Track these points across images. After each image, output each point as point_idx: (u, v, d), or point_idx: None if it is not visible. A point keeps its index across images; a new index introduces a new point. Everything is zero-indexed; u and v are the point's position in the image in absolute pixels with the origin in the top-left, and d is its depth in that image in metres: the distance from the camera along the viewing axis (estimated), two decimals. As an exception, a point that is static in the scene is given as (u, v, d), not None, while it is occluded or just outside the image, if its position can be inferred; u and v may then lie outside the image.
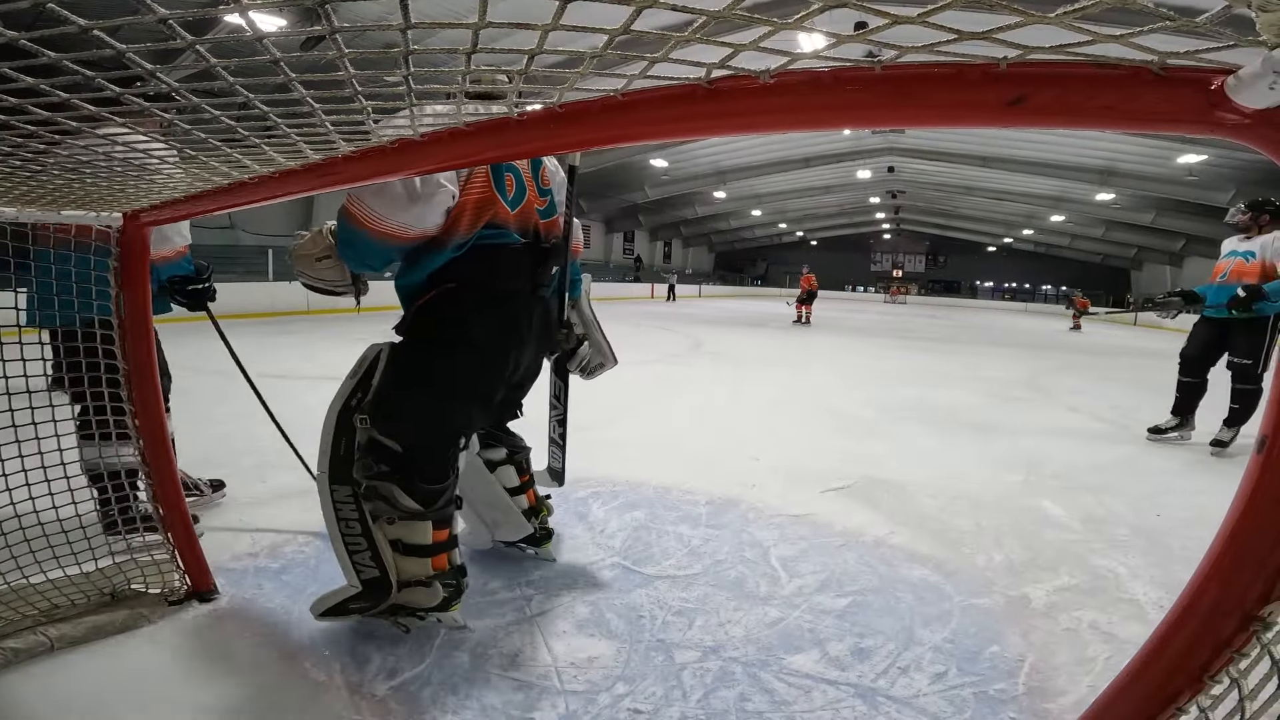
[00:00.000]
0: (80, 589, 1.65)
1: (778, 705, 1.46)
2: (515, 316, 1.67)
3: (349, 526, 1.56)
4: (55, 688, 1.42)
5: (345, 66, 0.66)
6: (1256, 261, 4.07)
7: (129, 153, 1.03)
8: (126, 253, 1.63)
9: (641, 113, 0.74)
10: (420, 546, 1.59)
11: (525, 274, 1.68)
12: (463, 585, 1.66)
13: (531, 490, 2.08)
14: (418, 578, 1.58)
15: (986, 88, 0.59)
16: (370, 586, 1.58)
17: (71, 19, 0.52)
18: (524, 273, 1.67)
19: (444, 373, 1.59)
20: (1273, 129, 0.53)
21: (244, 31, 0.57)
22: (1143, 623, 1.88)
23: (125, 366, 1.70)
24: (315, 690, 1.46)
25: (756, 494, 2.86)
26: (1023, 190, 26.48)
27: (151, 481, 1.74)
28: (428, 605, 1.59)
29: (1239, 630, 0.62)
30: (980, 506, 2.83)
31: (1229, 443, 4.10)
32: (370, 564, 1.57)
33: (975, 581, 2.10)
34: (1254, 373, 4.08)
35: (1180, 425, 4.36)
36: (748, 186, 28.70)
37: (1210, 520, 0.83)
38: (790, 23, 0.55)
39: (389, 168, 1.04)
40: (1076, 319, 19.58)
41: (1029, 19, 0.49)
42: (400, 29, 0.58)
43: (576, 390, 2.20)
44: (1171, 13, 0.47)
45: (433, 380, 1.58)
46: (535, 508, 2.07)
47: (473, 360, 1.61)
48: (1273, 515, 0.61)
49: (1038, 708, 1.49)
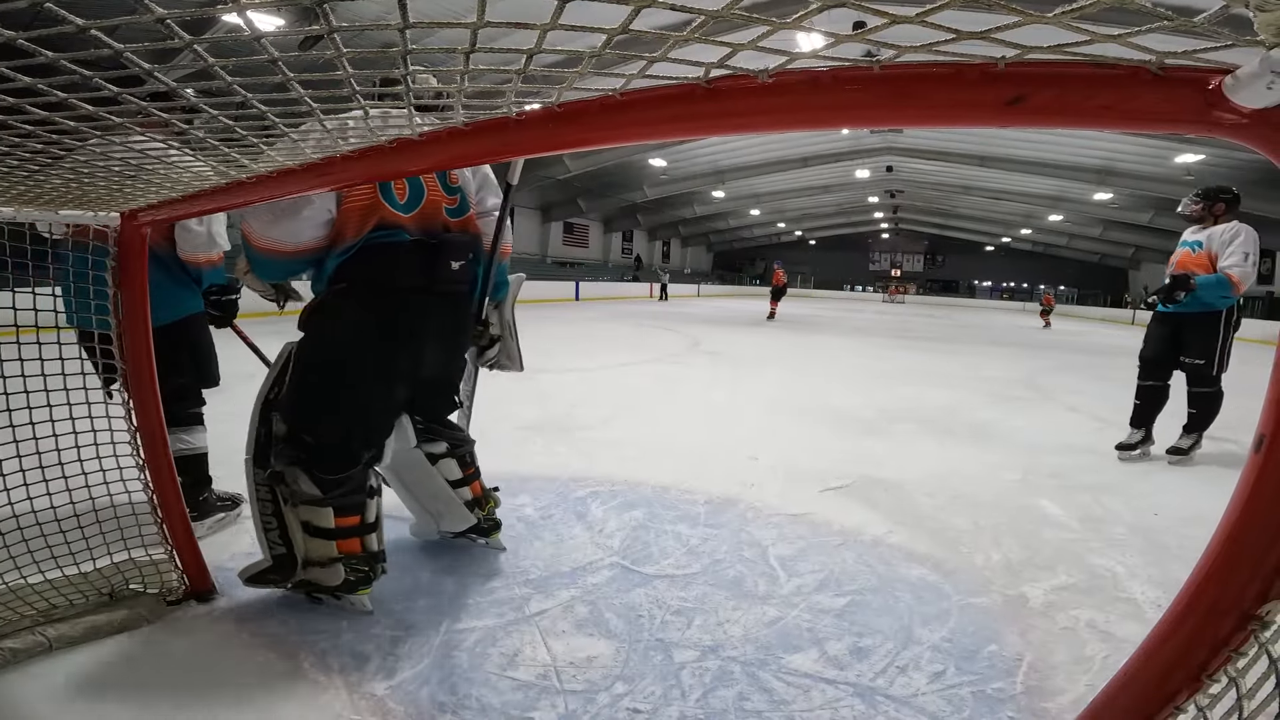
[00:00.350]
0: (79, 589, 1.65)
1: (776, 704, 1.46)
2: (401, 313, 1.71)
3: (264, 506, 1.71)
4: (54, 688, 1.42)
5: (344, 66, 0.66)
6: (1203, 252, 3.79)
7: (129, 154, 1.02)
8: (124, 252, 1.63)
9: (640, 112, 0.74)
10: (324, 530, 1.69)
11: (415, 271, 1.69)
12: (375, 571, 1.75)
13: (477, 482, 2.09)
14: (322, 558, 1.69)
15: (985, 87, 0.59)
16: (279, 562, 1.72)
17: (69, 18, 0.52)
18: (414, 270, 1.69)
19: (333, 369, 1.69)
20: (1270, 129, 0.53)
21: (242, 31, 0.57)
22: (1140, 622, 1.88)
23: (123, 366, 1.70)
24: (314, 690, 1.46)
25: (755, 493, 2.86)
26: (1021, 190, 26.49)
27: (149, 481, 1.74)
28: (328, 584, 1.70)
29: (1237, 629, 0.62)
30: (978, 506, 2.83)
31: (1188, 450, 3.82)
32: (279, 542, 1.72)
33: (973, 580, 2.11)
34: (1209, 374, 3.79)
35: (1145, 439, 3.95)
36: (746, 186, 28.69)
37: (1208, 519, 0.83)
38: (789, 22, 0.55)
39: (387, 167, 1.04)
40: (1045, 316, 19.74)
41: (1027, 19, 0.49)
42: (399, 28, 0.58)
43: (575, 390, 2.22)
44: (1169, 12, 0.47)
45: (323, 376, 1.69)
46: (480, 499, 2.08)
47: (357, 357, 1.69)
48: (1270, 514, 0.61)
49: (1036, 706, 1.49)
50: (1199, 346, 3.80)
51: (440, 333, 1.80)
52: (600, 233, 32.07)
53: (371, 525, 1.77)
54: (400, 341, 1.71)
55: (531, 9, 1.37)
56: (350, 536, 1.71)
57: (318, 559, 1.69)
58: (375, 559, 1.76)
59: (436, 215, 1.75)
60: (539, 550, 2.21)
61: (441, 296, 1.77)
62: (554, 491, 2.79)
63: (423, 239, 1.71)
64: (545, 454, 3.38)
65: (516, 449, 3.42)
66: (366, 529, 1.75)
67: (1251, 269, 3.62)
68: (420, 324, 1.74)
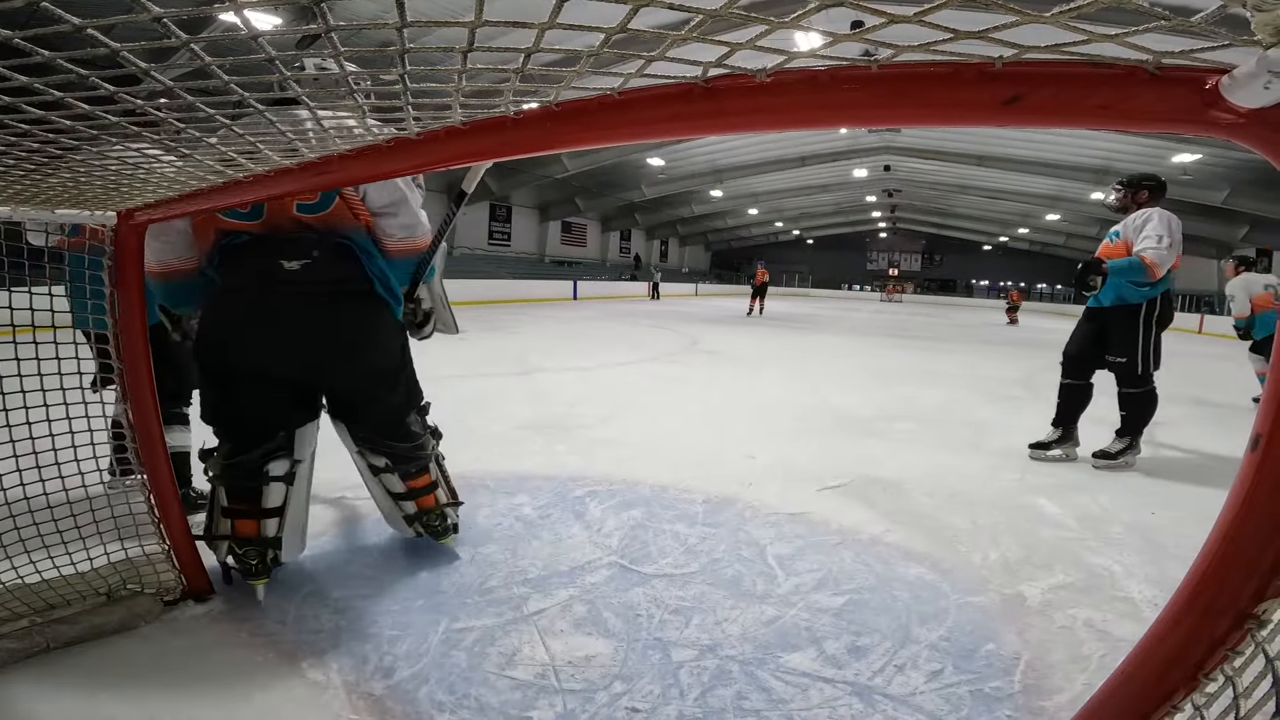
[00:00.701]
0: (76, 589, 1.65)
1: (775, 703, 1.47)
2: (225, 311, 1.76)
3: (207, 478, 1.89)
4: (51, 688, 1.42)
5: (340, 64, 0.66)
6: (1121, 241, 3.64)
7: (125, 153, 1.02)
8: (120, 252, 1.62)
9: (638, 111, 0.74)
10: (221, 507, 1.82)
11: (245, 272, 1.71)
12: (265, 558, 1.80)
13: (428, 496, 2.04)
14: (219, 533, 1.81)
15: (982, 87, 0.59)
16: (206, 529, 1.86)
17: (65, 18, 0.52)
18: (243, 271, 1.71)
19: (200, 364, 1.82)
20: (1267, 128, 0.53)
21: (239, 30, 0.57)
22: (1137, 621, 1.89)
23: (119, 366, 1.69)
24: (312, 690, 1.46)
25: (753, 492, 2.87)
26: (1018, 189, 26.53)
27: (146, 481, 1.74)
28: (216, 556, 1.83)
29: (1233, 628, 0.62)
30: (976, 504, 2.84)
31: (1115, 455, 3.59)
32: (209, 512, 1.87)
33: (971, 579, 2.11)
34: (1133, 372, 3.59)
35: (1062, 439, 3.77)
36: (744, 185, 28.70)
37: (1204, 518, 0.83)
38: (787, 22, 0.55)
39: (384, 166, 1.04)
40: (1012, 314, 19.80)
41: (1025, 18, 0.49)
42: (396, 27, 0.58)
43: (573, 389, 2.21)
44: (1167, 12, 0.48)
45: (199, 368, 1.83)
46: (422, 513, 2.04)
47: (199, 355, 1.80)
48: (1266, 513, 0.61)
49: (1033, 705, 1.50)
50: (1119, 343, 3.62)
51: (279, 332, 1.73)
52: (598, 232, 32.05)
53: (270, 511, 1.82)
54: (226, 340, 1.75)
55: (529, 8, 1.37)
56: (244, 518, 1.80)
57: (217, 533, 1.82)
58: (266, 544, 1.80)
59: (284, 213, 1.71)
60: (537, 550, 2.21)
61: (282, 296, 1.71)
62: (552, 491, 2.79)
63: (261, 238, 1.70)
64: (543, 453, 3.38)
65: (515, 448, 3.42)
66: (263, 513, 1.81)
67: (1168, 251, 3.41)
68: (246, 322, 1.73)
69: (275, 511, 1.83)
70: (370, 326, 1.82)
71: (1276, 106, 0.51)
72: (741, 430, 4.09)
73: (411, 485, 2.01)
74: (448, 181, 22.91)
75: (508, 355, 7.13)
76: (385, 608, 1.81)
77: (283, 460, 1.83)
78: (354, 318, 1.78)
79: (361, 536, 2.30)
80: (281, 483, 1.83)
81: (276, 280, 1.69)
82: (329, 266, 1.71)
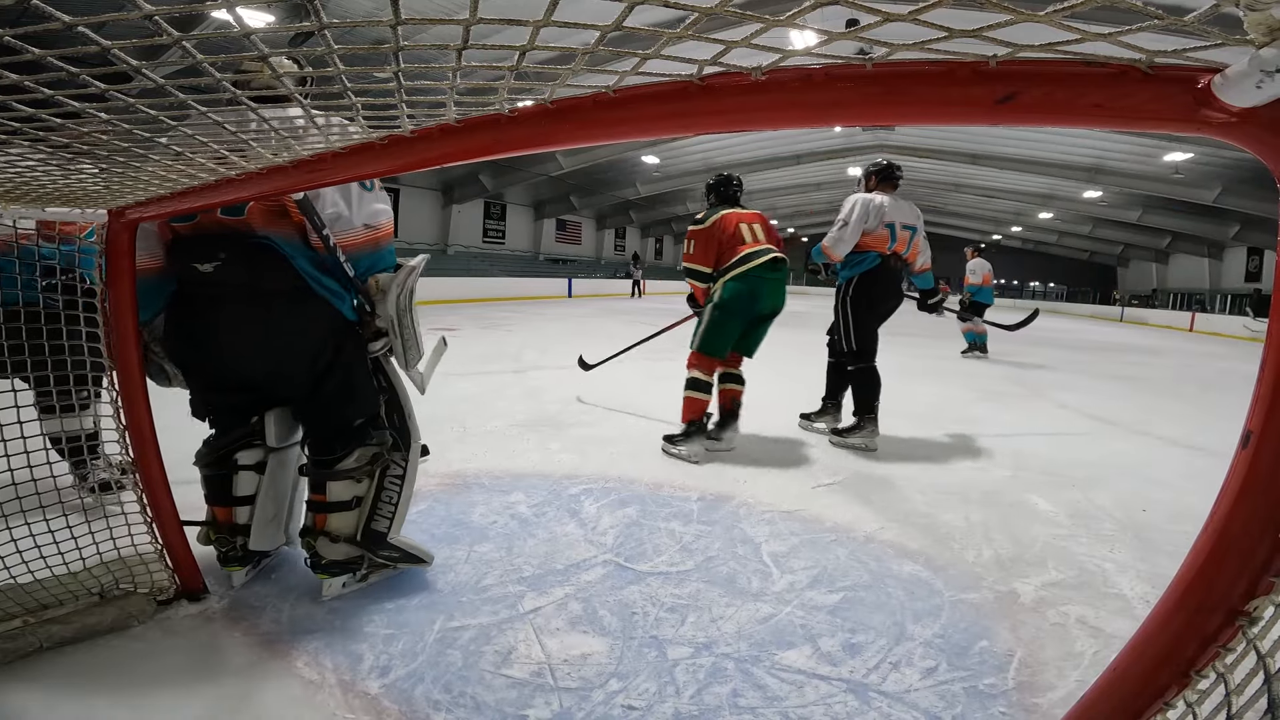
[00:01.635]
0: (69, 589, 1.64)
1: (770, 701, 1.47)
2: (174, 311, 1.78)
3: None
4: (45, 688, 1.41)
5: (335, 63, 0.66)
6: None
7: (115, 149, 1.01)
8: (112, 249, 1.61)
9: (634, 109, 0.74)
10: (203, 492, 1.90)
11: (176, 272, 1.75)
12: (236, 545, 1.86)
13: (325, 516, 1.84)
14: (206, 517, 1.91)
15: (976, 85, 0.59)
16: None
17: (56, 15, 0.52)
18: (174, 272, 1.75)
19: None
20: (1259, 127, 0.54)
21: (231, 28, 0.57)
22: (1129, 617, 1.90)
23: (111, 364, 1.68)
24: (308, 689, 1.46)
25: (747, 490, 2.87)
26: (1012, 188, 26.60)
27: (138, 480, 1.73)
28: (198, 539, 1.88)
29: (1225, 625, 0.63)
30: (969, 502, 2.85)
31: (844, 432, 3.75)
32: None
33: (965, 577, 2.12)
34: (840, 349, 3.87)
35: (822, 412, 4.05)
36: (739, 183, 28.66)
37: (1196, 515, 0.84)
38: (782, 20, 0.55)
39: (380, 164, 1.04)
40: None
41: (1019, 17, 0.49)
42: (390, 25, 0.58)
43: (568, 387, 2.19)
44: (1160, 11, 0.48)
45: None
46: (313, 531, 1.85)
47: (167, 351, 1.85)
48: (1257, 510, 0.62)
49: (1027, 702, 1.50)
50: (833, 322, 3.94)
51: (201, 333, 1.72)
52: (593, 230, 32.00)
53: (241, 499, 1.87)
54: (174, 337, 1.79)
55: (525, 6, 1.37)
56: (217, 504, 1.88)
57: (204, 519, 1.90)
58: (235, 531, 1.86)
59: (211, 216, 1.68)
60: (533, 548, 2.20)
61: (193, 299, 1.72)
62: (547, 489, 2.79)
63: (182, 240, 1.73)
64: (538, 451, 3.37)
65: (509, 446, 3.41)
66: (235, 501, 1.87)
67: (839, 232, 3.74)
68: (177, 324, 1.76)
69: (245, 500, 1.87)
70: (284, 325, 1.71)
71: (1268, 106, 0.51)
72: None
73: (312, 495, 1.87)
74: (442, 180, 22.88)
75: (503, 353, 7.12)
76: (380, 606, 1.80)
77: (254, 449, 1.87)
78: (263, 315, 1.70)
79: (356, 535, 2.29)
80: (252, 471, 1.87)
81: (195, 282, 1.70)
82: (241, 267, 1.65)
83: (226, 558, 1.87)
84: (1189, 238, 26.15)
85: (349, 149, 1.03)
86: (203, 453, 1.86)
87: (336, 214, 1.73)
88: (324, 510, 1.84)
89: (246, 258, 1.65)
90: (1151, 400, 6.09)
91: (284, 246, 1.66)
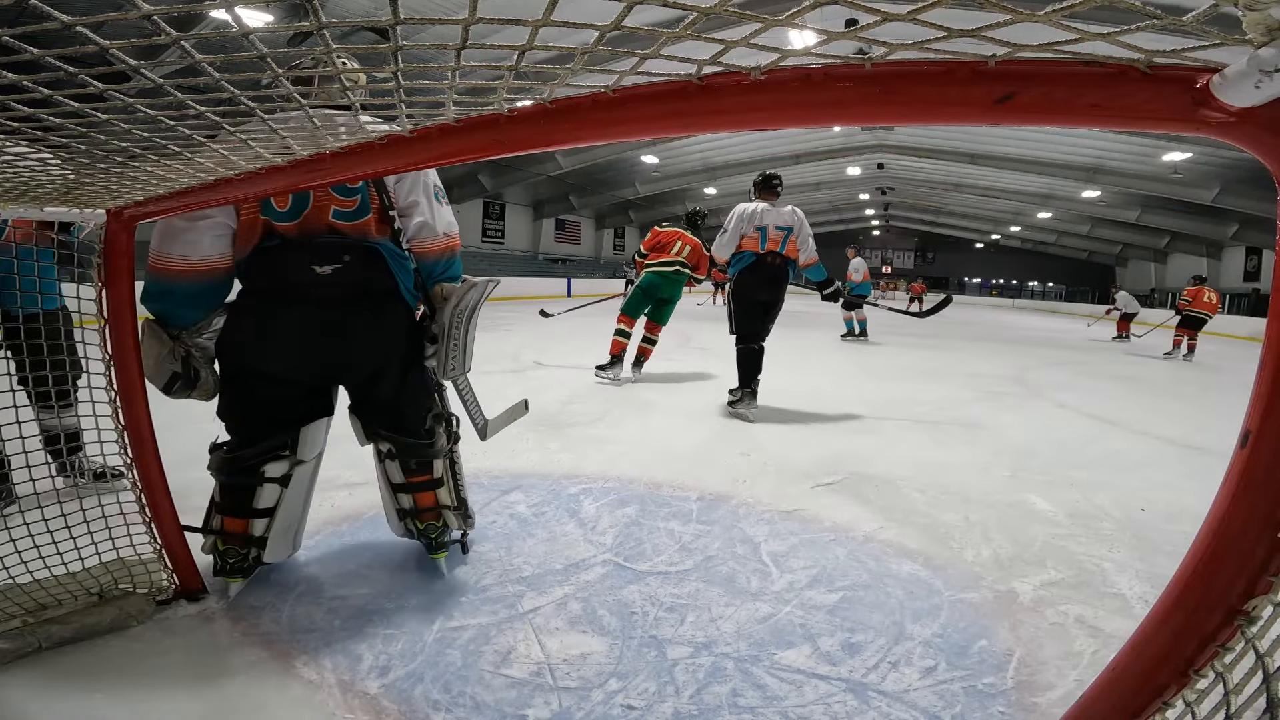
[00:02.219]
0: (68, 589, 1.64)
1: (769, 700, 1.47)
2: (247, 316, 1.77)
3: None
4: (44, 688, 1.41)
5: (334, 62, 0.66)
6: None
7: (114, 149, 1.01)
8: (110, 249, 1.61)
9: (633, 109, 0.74)
10: (215, 502, 1.85)
11: (273, 275, 1.73)
12: (247, 557, 1.83)
13: (425, 493, 1.98)
14: (213, 528, 1.84)
15: (975, 85, 0.59)
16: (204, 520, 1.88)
17: (54, 15, 0.51)
18: (271, 274, 1.73)
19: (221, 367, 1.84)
20: (1257, 127, 0.54)
21: (230, 27, 0.57)
22: (1128, 617, 1.90)
23: (109, 361, 1.68)
24: (307, 689, 1.46)
25: (747, 490, 2.87)
26: (1011, 187, 26.61)
27: (136, 479, 1.73)
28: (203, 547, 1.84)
29: (1223, 624, 0.63)
30: (968, 501, 2.85)
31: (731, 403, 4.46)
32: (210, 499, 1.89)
33: (964, 576, 2.12)
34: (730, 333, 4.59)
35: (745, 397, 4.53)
36: (738, 183, 28.60)
37: (1194, 515, 0.84)
38: (781, 19, 0.55)
39: (378, 164, 1.04)
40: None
41: (1018, 17, 0.49)
42: (389, 25, 0.58)
43: (567, 386, 2.19)
44: (1159, 11, 0.48)
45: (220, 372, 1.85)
46: (419, 510, 1.97)
47: (223, 357, 1.81)
48: (1256, 510, 0.62)
49: (1026, 701, 1.50)
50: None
51: (303, 336, 1.76)
52: (592, 229, 32.00)
53: (261, 511, 1.83)
54: (246, 342, 1.77)
55: (524, 6, 1.37)
56: (233, 515, 1.82)
57: (211, 528, 1.84)
58: (250, 542, 1.82)
59: (320, 219, 1.74)
60: (532, 547, 2.20)
61: (304, 300, 1.74)
62: (546, 488, 2.79)
63: (293, 242, 1.73)
64: (538, 450, 3.37)
65: (509, 445, 3.41)
66: (254, 513, 1.82)
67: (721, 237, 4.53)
68: (269, 326, 1.75)
69: (265, 513, 1.83)
70: (387, 324, 1.85)
71: (1267, 105, 0.51)
72: (735, 427, 4.10)
73: (411, 479, 1.97)
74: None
75: (502, 352, 7.12)
76: (380, 606, 1.80)
77: (282, 462, 1.84)
78: (373, 316, 1.82)
79: (356, 535, 2.29)
80: (276, 484, 1.84)
81: (305, 283, 1.72)
82: (359, 270, 1.76)
83: (232, 569, 1.82)
84: (1188, 237, 26.17)
85: (348, 149, 1.03)
86: (226, 462, 1.81)
87: (423, 222, 1.88)
88: (429, 488, 1.98)
89: (364, 261, 1.77)
90: (1151, 400, 6.09)
91: (385, 250, 1.80)
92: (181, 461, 1.87)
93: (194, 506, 1.90)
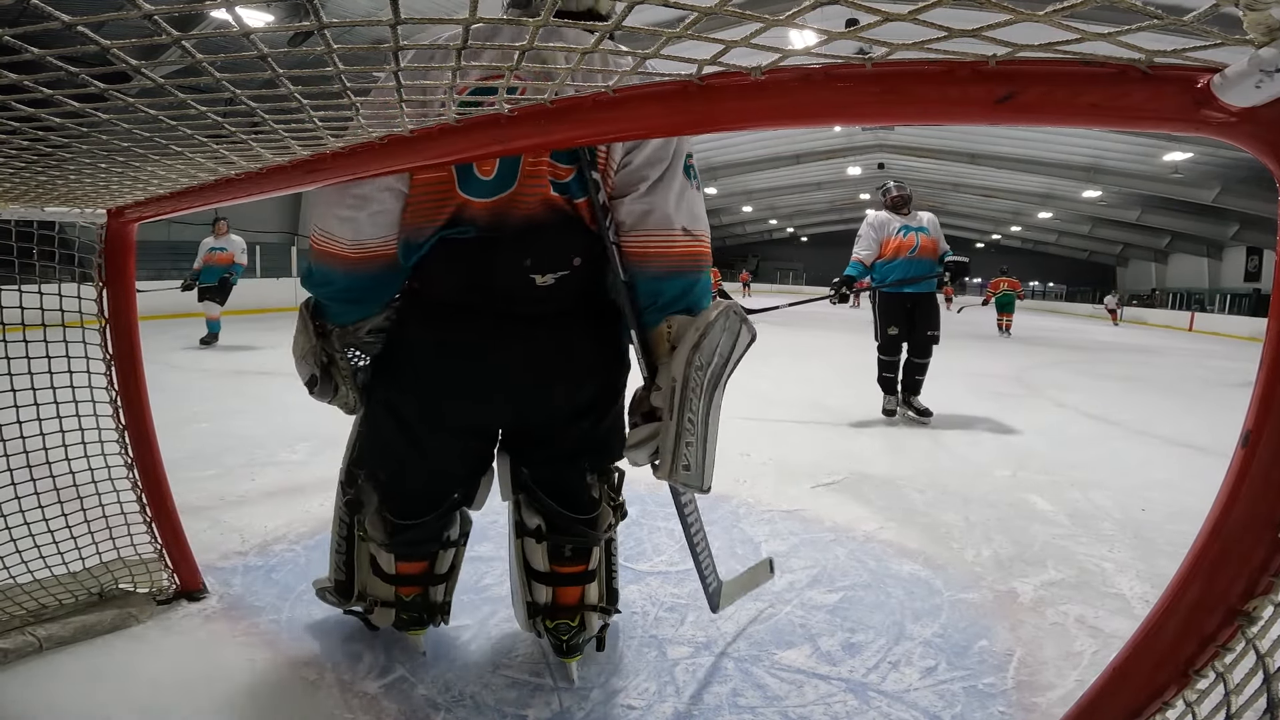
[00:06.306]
0: (68, 589, 1.64)
1: (770, 700, 1.47)
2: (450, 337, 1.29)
3: (340, 528, 1.57)
4: (44, 688, 1.41)
5: (334, 62, 0.66)
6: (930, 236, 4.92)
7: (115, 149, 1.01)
8: (111, 249, 1.61)
9: (633, 109, 0.74)
10: (384, 573, 1.49)
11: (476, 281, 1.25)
12: (433, 620, 1.54)
13: (571, 588, 1.49)
14: (379, 597, 1.51)
15: (976, 85, 0.59)
16: (339, 586, 1.60)
17: (55, 15, 0.51)
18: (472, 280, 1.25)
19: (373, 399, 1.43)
20: (1258, 127, 0.54)
21: (230, 27, 0.57)
22: (1129, 617, 1.90)
23: (109, 361, 1.68)
24: (307, 689, 1.46)
25: (747, 489, 2.87)
26: (1011, 187, 26.63)
27: (137, 480, 1.73)
28: (376, 624, 1.58)
29: (1224, 625, 0.63)
30: (968, 501, 2.85)
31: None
32: (343, 568, 1.58)
33: (964, 576, 2.12)
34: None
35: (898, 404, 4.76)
36: (738, 183, 28.69)
37: (1194, 515, 0.84)
38: (782, 19, 0.55)
39: (379, 164, 1.03)
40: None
41: (1018, 17, 0.49)
42: (390, 24, 0.58)
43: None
44: (1160, 11, 0.48)
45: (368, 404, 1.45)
46: (555, 608, 1.48)
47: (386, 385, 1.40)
48: (1256, 510, 0.61)
49: (1026, 701, 1.50)
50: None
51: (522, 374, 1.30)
52: (592, 230, 31.96)
53: (440, 576, 1.52)
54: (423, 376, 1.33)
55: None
56: (412, 585, 1.50)
57: (375, 596, 1.51)
58: (434, 610, 1.53)
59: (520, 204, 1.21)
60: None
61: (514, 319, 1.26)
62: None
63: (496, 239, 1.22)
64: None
65: (509, 446, 3.41)
66: (433, 579, 1.52)
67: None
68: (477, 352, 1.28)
69: (443, 577, 1.54)
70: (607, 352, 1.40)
71: (1268, 105, 0.51)
72: (735, 427, 4.09)
73: (559, 568, 1.47)
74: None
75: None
76: (379, 606, 1.80)
77: (456, 523, 1.54)
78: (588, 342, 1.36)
79: (355, 535, 2.29)
80: (455, 546, 1.54)
81: (518, 299, 1.25)
82: (585, 279, 1.27)
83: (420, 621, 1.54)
84: (1188, 237, 26.18)
85: (348, 148, 1.02)
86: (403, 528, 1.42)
87: (647, 210, 1.25)
88: (579, 582, 1.48)
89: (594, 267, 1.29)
90: (1151, 400, 6.09)
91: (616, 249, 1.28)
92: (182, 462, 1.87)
93: (194, 506, 1.89)
